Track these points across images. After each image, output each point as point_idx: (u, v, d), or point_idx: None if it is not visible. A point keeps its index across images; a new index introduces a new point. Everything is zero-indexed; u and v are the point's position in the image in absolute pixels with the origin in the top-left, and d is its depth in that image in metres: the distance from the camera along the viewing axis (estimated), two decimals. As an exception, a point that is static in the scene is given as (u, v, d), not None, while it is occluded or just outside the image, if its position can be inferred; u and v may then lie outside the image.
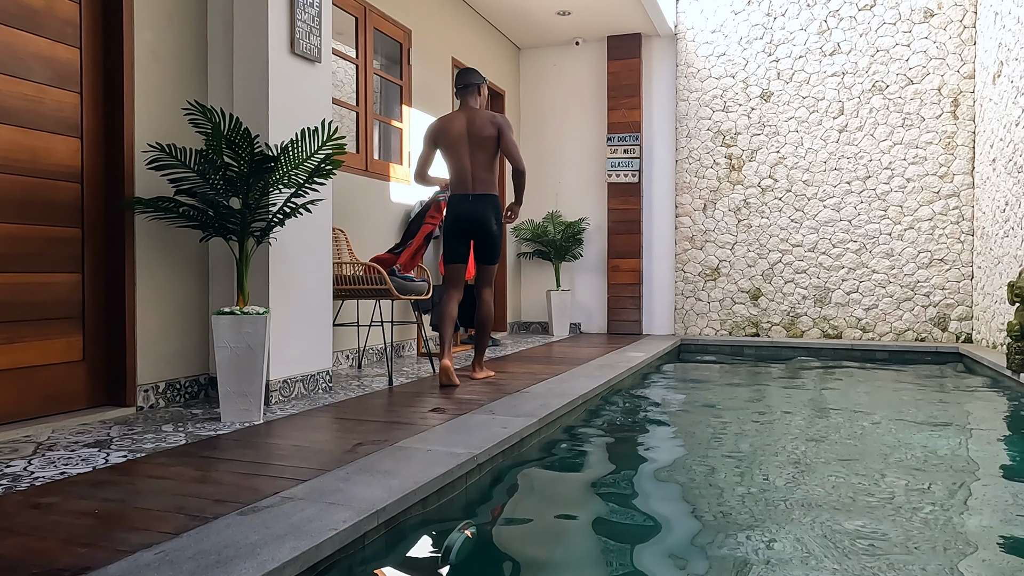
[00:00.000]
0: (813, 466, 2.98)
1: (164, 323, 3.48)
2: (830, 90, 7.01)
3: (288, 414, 3.31)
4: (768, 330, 7.27)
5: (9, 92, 2.90)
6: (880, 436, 3.52)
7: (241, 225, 3.19)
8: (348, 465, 2.39)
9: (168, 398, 3.50)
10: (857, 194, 6.94)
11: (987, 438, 3.67)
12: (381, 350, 5.35)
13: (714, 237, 7.43)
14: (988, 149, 6.19)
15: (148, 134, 3.37)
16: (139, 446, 2.68)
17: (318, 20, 3.85)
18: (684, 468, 3.02)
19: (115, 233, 3.28)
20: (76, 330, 3.17)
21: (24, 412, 2.96)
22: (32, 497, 2.07)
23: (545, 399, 3.68)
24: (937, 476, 2.84)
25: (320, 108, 3.88)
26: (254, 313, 3.07)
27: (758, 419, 3.99)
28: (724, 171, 7.39)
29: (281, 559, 1.61)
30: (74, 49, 3.17)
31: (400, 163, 5.73)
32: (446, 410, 3.39)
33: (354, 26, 5.21)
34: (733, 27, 7.33)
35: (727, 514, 2.36)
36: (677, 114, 7.56)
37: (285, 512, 1.91)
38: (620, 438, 3.59)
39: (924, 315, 6.77)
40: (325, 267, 3.95)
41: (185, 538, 1.73)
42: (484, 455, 2.62)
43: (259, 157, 3.08)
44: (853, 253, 6.98)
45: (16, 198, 2.93)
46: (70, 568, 1.58)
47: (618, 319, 7.66)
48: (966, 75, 6.62)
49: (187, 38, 3.61)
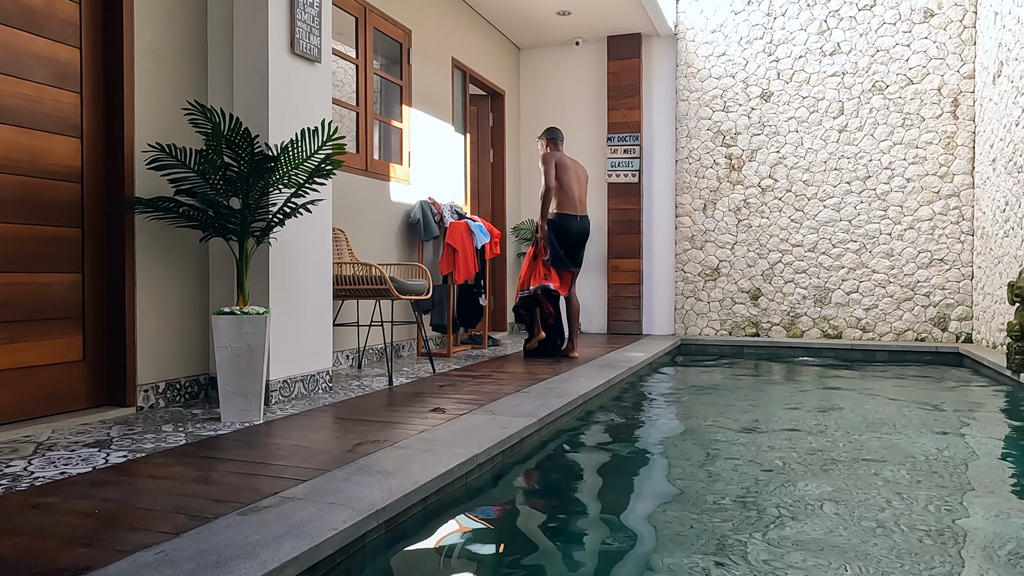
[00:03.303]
0: (812, 466, 2.98)
1: (164, 323, 3.48)
2: (830, 90, 7.01)
3: (288, 414, 3.31)
4: (768, 330, 7.27)
5: (9, 92, 2.90)
6: (880, 437, 3.51)
7: (241, 225, 3.19)
8: (348, 465, 2.39)
9: (168, 398, 3.50)
10: (857, 194, 6.95)
11: (987, 438, 3.67)
12: (381, 350, 5.35)
13: (714, 237, 7.43)
14: (988, 149, 6.19)
15: (148, 134, 3.37)
16: (139, 446, 2.68)
17: (318, 20, 3.85)
18: (684, 468, 3.02)
19: (115, 233, 3.28)
20: (76, 330, 3.17)
21: (24, 412, 2.96)
22: (32, 497, 2.07)
23: (545, 399, 3.68)
24: (937, 476, 2.84)
25: (320, 108, 3.88)
26: (254, 313, 3.07)
27: (758, 419, 3.99)
28: (724, 171, 7.39)
29: (281, 559, 1.61)
30: (74, 49, 3.17)
31: (400, 163, 5.73)
32: (446, 410, 3.39)
33: (354, 26, 5.21)
34: (733, 27, 7.33)
35: (727, 515, 2.36)
36: (677, 114, 7.56)
37: (285, 512, 1.91)
38: (620, 438, 3.59)
39: (924, 315, 6.77)
40: (325, 267, 3.96)
41: (185, 538, 1.73)
42: (484, 455, 2.62)
43: (259, 157, 3.08)
44: (853, 253, 6.98)
45: (16, 198, 2.93)
46: (70, 568, 1.58)
47: (618, 319, 7.66)
48: (966, 75, 6.62)
49: (187, 38, 3.61)
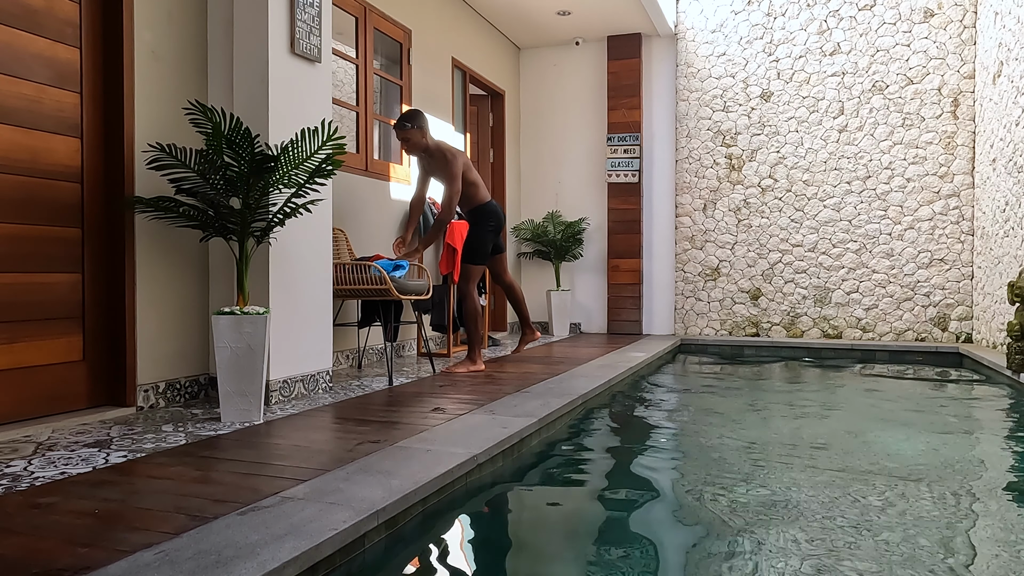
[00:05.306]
0: (810, 467, 2.98)
1: (164, 323, 3.48)
2: (830, 90, 7.01)
3: (288, 414, 3.31)
4: (768, 330, 7.27)
5: (9, 92, 2.90)
6: (880, 438, 3.51)
7: (241, 225, 3.19)
8: (348, 465, 2.39)
9: (168, 398, 3.50)
10: (857, 194, 6.94)
11: (987, 438, 3.67)
12: (381, 350, 5.35)
13: (714, 237, 7.43)
14: (988, 149, 6.19)
15: (148, 134, 3.37)
16: (139, 446, 2.68)
17: (318, 20, 3.85)
18: (684, 468, 3.02)
19: (115, 233, 3.28)
20: (76, 330, 3.17)
21: (24, 412, 2.96)
22: (32, 497, 2.07)
23: (545, 399, 3.67)
24: (937, 477, 2.83)
25: (320, 108, 3.88)
26: (254, 313, 3.07)
27: (758, 420, 3.99)
28: (724, 171, 7.39)
29: (281, 559, 1.61)
30: (74, 49, 3.17)
31: (400, 163, 5.73)
32: (446, 410, 3.39)
33: (354, 26, 5.21)
34: (733, 27, 7.33)
35: (727, 515, 2.36)
36: (677, 114, 7.55)
37: (285, 512, 1.91)
38: (620, 438, 3.59)
39: (924, 315, 6.77)
40: (325, 267, 3.96)
41: (185, 538, 1.73)
42: (484, 455, 2.62)
43: (259, 157, 3.08)
44: (853, 253, 6.98)
45: (16, 198, 2.93)
46: (70, 568, 1.58)
47: (618, 319, 7.66)
48: (966, 75, 6.62)
49: (187, 38, 3.61)
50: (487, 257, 4.86)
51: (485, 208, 4.81)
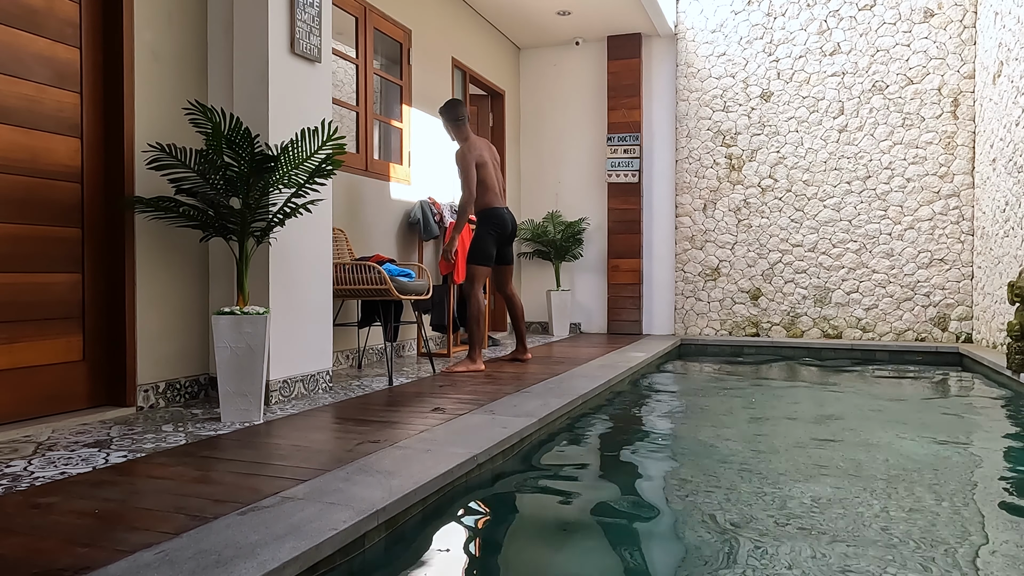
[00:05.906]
0: (810, 466, 2.98)
1: (164, 323, 3.48)
2: (830, 90, 7.01)
3: (288, 414, 3.31)
4: (768, 330, 7.27)
5: (9, 92, 2.90)
6: (880, 438, 3.51)
7: (241, 225, 3.19)
8: (348, 465, 2.39)
9: (168, 398, 3.50)
10: (857, 194, 6.94)
11: (987, 438, 3.67)
12: (381, 350, 5.35)
13: (714, 237, 7.43)
14: (988, 149, 6.19)
15: (148, 134, 3.37)
16: (139, 446, 2.68)
17: (318, 20, 3.85)
18: (683, 469, 3.02)
19: (115, 233, 3.28)
20: (76, 330, 3.17)
21: (24, 412, 2.96)
22: (32, 497, 2.07)
23: (545, 399, 3.68)
24: (936, 477, 2.84)
25: (320, 108, 3.88)
26: (254, 313, 3.07)
27: (758, 420, 3.99)
28: (724, 171, 7.39)
29: (281, 559, 1.61)
30: (74, 49, 3.17)
31: (400, 163, 5.73)
32: (446, 410, 3.39)
33: (354, 26, 5.21)
34: (733, 27, 7.33)
35: (727, 516, 2.36)
36: (677, 114, 7.56)
37: (285, 512, 1.91)
38: (620, 438, 3.59)
39: (924, 315, 6.77)
40: (325, 267, 3.96)
41: (185, 538, 1.73)
42: (484, 455, 2.63)
43: (259, 157, 3.08)
44: (853, 253, 6.98)
45: (16, 198, 2.93)
46: (70, 568, 1.58)
47: (618, 319, 7.67)
48: (966, 75, 6.62)
49: (187, 38, 3.61)
50: (492, 259, 4.93)
51: (491, 212, 4.93)
